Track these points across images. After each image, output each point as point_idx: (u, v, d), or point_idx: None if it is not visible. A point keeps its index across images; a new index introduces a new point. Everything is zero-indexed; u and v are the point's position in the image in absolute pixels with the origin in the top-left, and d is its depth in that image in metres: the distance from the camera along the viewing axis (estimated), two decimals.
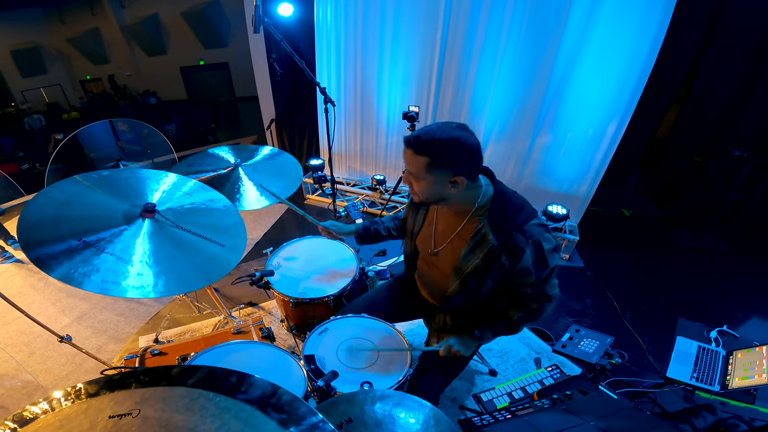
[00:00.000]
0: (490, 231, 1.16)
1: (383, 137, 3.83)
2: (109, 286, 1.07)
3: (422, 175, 1.11)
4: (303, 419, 0.62)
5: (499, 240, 1.14)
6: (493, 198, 1.18)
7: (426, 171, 1.09)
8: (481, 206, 1.19)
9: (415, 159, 1.09)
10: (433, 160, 1.07)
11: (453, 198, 1.17)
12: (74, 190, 1.28)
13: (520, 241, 1.13)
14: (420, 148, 1.07)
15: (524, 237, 1.13)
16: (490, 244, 1.16)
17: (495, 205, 1.17)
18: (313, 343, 1.39)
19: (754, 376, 1.83)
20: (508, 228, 1.14)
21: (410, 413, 0.96)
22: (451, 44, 3.13)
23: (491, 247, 1.16)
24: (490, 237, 1.15)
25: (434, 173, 1.10)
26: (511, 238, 1.13)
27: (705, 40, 3.33)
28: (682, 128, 3.84)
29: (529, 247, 1.13)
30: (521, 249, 1.13)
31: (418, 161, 1.09)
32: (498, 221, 1.16)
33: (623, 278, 2.91)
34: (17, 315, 1.92)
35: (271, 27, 1.87)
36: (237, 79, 10.93)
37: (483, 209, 1.19)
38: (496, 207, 1.17)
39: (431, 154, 1.07)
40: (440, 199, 1.17)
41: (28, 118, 8.63)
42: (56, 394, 0.67)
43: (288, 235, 2.45)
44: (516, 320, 1.32)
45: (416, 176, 1.13)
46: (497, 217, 1.16)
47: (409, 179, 1.17)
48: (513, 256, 1.15)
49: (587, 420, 1.11)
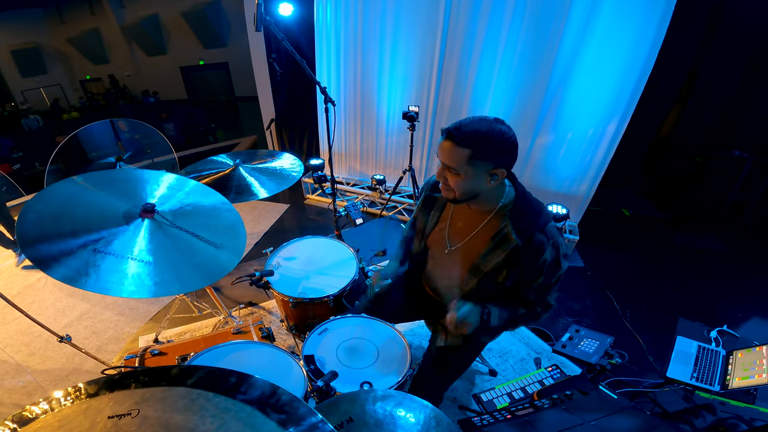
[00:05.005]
0: (513, 231, 1.17)
1: (383, 137, 3.83)
2: (108, 286, 1.07)
3: (462, 168, 1.09)
4: (302, 419, 0.62)
5: (522, 240, 1.16)
6: (516, 198, 1.19)
7: (467, 163, 1.08)
8: (504, 206, 1.21)
9: (456, 151, 1.07)
10: (475, 151, 1.06)
11: (485, 194, 1.17)
12: (74, 191, 1.28)
13: (542, 241, 1.15)
14: (462, 140, 1.06)
15: (546, 237, 1.15)
16: (514, 244, 1.17)
17: (518, 206, 1.19)
18: (312, 343, 1.39)
19: (754, 376, 1.83)
20: (532, 228, 1.15)
21: (411, 413, 0.96)
22: (451, 44, 3.13)
23: (515, 246, 1.17)
24: (514, 237, 1.16)
25: (475, 165, 1.08)
26: (533, 239, 1.15)
27: (705, 40, 3.33)
28: (682, 128, 3.84)
29: (549, 247, 1.15)
30: (543, 249, 1.15)
31: (459, 153, 1.07)
32: (521, 221, 1.17)
33: (623, 278, 2.91)
34: (17, 315, 1.92)
35: (272, 25, 1.87)
36: (237, 79, 10.95)
37: (505, 209, 1.20)
38: (519, 207, 1.19)
39: (474, 146, 1.06)
40: (474, 194, 1.16)
41: (26, 119, 8.64)
42: (56, 394, 0.67)
43: (288, 235, 2.45)
44: (519, 315, 1.31)
45: (455, 170, 1.11)
46: (520, 217, 1.18)
47: (445, 174, 1.15)
48: (534, 256, 1.16)
49: (587, 420, 1.11)
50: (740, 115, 3.46)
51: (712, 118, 3.59)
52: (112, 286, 1.07)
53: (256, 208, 3.97)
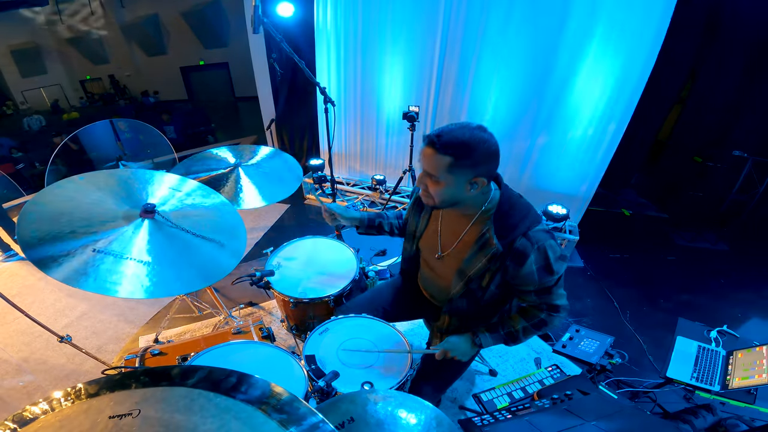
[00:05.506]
0: (494, 236, 1.15)
1: (383, 137, 3.83)
2: (108, 286, 1.07)
3: (442, 175, 1.08)
4: (303, 419, 0.61)
5: (503, 245, 1.14)
6: (499, 203, 1.17)
7: (447, 171, 1.07)
8: (486, 210, 1.19)
9: (436, 158, 1.06)
10: (456, 159, 1.05)
11: (466, 201, 1.16)
12: (74, 191, 1.27)
13: (524, 246, 1.11)
14: (443, 147, 1.05)
15: (529, 242, 1.11)
16: (494, 249, 1.15)
17: (500, 210, 1.16)
18: (313, 343, 1.39)
19: (754, 376, 1.83)
20: (513, 233, 1.13)
21: (412, 414, 0.96)
22: (451, 44, 3.13)
23: (495, 251, 1.15)
24: (495, 242, 1.14)
25: (455, 173, 1.07)
26: (515, 244, 1.12)
27: (705, 40, 3.33)
28: (682, 128, 3.85)
29: (533, 252, 1.11)
30: (525, 254, 1.12)
31: (439, 161, 1.06)
32: (502, 226, 1.15)
33: (623, 278, 2.91)
34: (17, 315, 1.92)
35: (270, 27, 1.87)
36: (237, 79, 10.94)
37: (488, 213, 1.18)
38: (501, 212, 1.16)
39: (454, 153, 1.04)
40: (454, 202, 1.15)
41: (28, 119, 8.63)
42: (56, 394, 0.67)
43: (288, 235, 2.45)
44: (520, 329, 1.29)
45: (435, 177, 1.09)
46: (502, 221, 1.15)
47: (425, 181, 1.14)
48: (517, 262, 1.14)
49: (587, 420, 1.11)
50: (740, 115, 3.46)
51: (712, 118, 3.59)
52: (111, 287, 1.07)
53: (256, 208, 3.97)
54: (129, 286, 1.10)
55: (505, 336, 1.31)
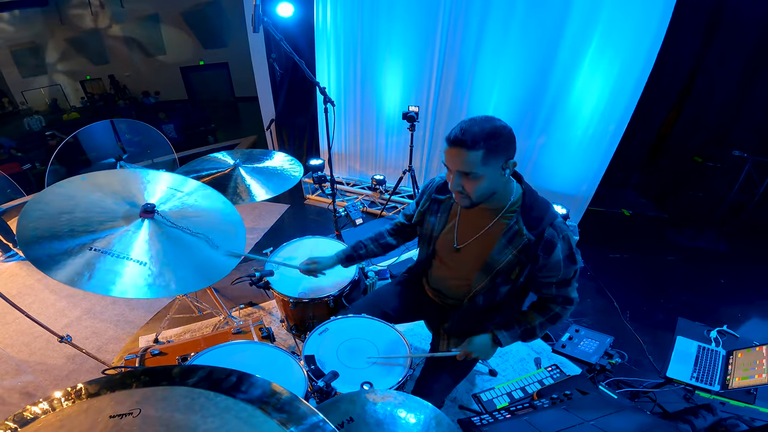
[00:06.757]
0: (524, 227, 1.18)
1: (383, 137, 3.83)
2: (108, 286, 1.07)
3: (479, 169, 1.09)
4: (303, 419, 0.62)
5: (534, 235, 1.17)
6: (524, 195, 1.22)
7: (482, 164, 1.08)
8: (513, 203, 1.23)
9: (471, 156, 1.07)
10: (488, 150, 1.07)
11: (500, 191, 1.19)
12: (74, 191, 1.27)
13: (552, 235, 1.16)
14: (474, 142, 1.06)
15: (555, 232, 1.16)
16: (526, 239, 1.18)
17: (527, 202, 1.21)
18: (313, 343, 1.39)
19: (754, 375, 1.83)
20: (542, 224, 1.17)
21: (411, 414, 0.96)
22: (451, 44, 3.13)
23: (527, 242, 1.18)
24: (525, 232, 1.18)
25: (490, 164, 1.09)
26: (545, 233, 1.16)
27: (705, 40, 3.33)
28: (682, 128, 3.84)
29: (560, 241, 1.17)
30: (554, 243, 1.16)
31: (474, 157, 1.07)
32: (531, 217, 1.19)
33: (623, 278, 2.91)
34: (17, 315, 1.92)
35: (270, 26, 1.87)
36: (237, 79, 10.94)
37: (515, 206, 1.22)
38: (528, 204, 1.20)
39: (486, 145, 1.06)
40: (491, 194, 1.17)
41: (28, 119, 8.63)
42: (56, 394, 0.67)
43: (288, 235, 2.45)
44: (537, 326, 1.33)
45: (474, 174, 1.10)
46: (530, 213, 1.19)
47: (461, 182, 1.14)
48: (546, 251, 1.17)
49: (587, 420, 1.11)
50: (740, 116, 3.46)
51: (712, 118, 3.59)
52: (111, 287, 1.07)
53: (256, 208, 3.97)
54: (128, 286, 1.10)
55: (522, 333, 1.35)
